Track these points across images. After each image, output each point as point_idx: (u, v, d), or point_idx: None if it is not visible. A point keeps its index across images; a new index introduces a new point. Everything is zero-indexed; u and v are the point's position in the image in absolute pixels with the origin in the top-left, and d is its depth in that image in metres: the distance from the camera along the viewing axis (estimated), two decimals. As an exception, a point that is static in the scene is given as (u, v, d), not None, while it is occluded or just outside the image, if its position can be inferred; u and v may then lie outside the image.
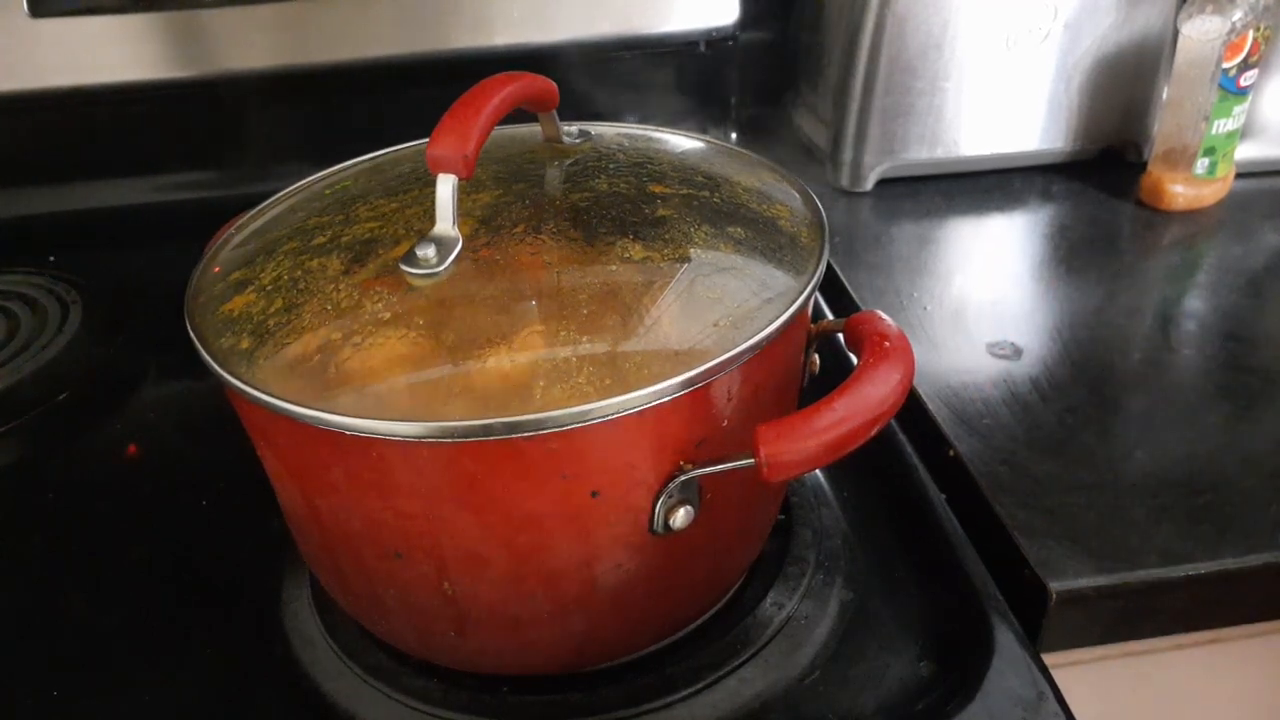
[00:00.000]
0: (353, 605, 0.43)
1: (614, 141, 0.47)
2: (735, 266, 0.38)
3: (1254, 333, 0.64)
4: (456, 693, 0.42)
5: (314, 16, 0.76)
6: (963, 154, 0.82)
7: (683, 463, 0.35)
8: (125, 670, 0.45)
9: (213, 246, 0.43)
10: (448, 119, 0.37)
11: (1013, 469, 0.52)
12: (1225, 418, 0.56)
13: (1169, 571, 0.46)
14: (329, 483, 0.36)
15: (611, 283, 0.36)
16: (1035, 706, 0.40)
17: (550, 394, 0.32)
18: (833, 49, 0.82)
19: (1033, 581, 0.46)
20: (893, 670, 0.43)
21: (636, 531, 0.36)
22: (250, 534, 0.50)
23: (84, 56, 0.75)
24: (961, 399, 0.57)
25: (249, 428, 0.39)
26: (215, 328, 0.37)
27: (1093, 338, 0.63)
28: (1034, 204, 0.81)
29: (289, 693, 0.43)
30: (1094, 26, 0.78)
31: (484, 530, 0.35)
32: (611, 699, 0.41)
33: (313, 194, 0.46)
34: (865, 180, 0.82)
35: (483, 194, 0.42)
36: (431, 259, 0.36)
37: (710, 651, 0.43)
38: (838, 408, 0.33)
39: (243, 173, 0.82)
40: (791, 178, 0.45)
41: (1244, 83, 0.74)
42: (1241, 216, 0.78)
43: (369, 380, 0.34)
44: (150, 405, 0.63)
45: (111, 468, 0.58)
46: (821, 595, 0.46)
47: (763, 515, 0.45)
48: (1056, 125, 0.82)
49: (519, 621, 0.38)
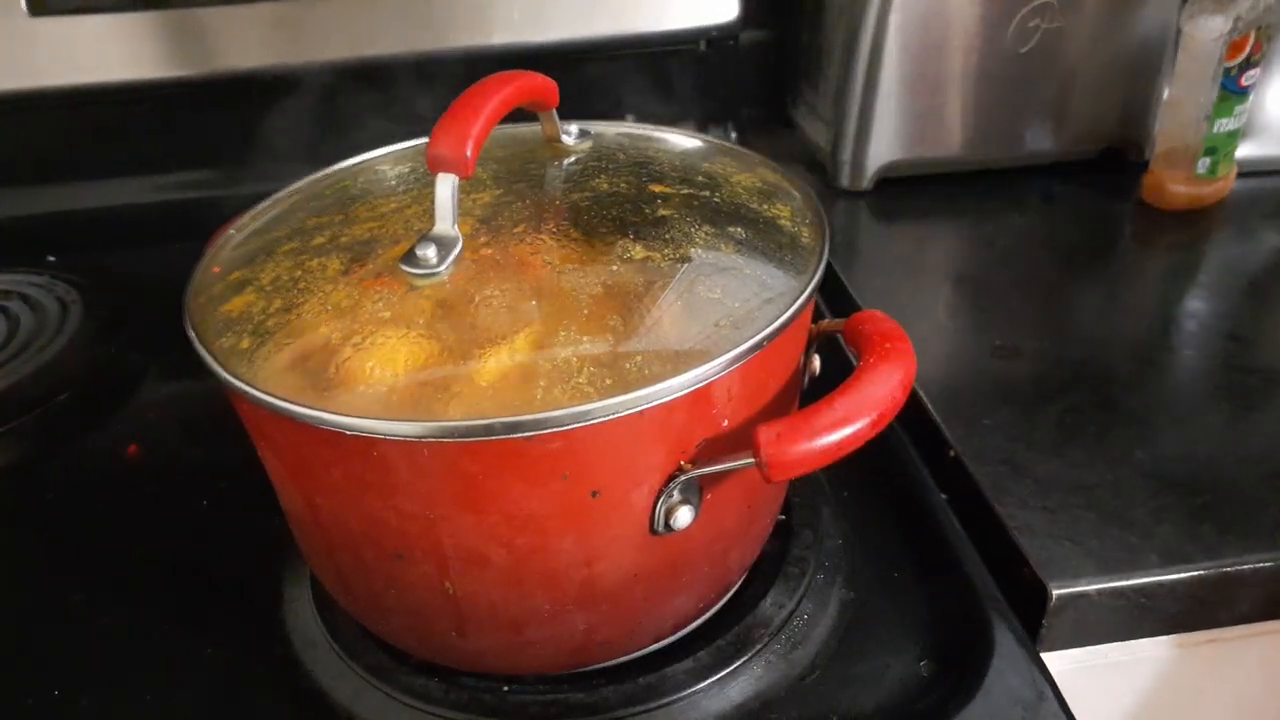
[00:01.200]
0: (353, 605, 0.43)
1: (614, 141, 0.47)
2: (736, 266, 0.38)
3: (1254, 333, 0.63)
4: (457, 692, 0.42)
5: (314, 16, 0.76)
6: (963, 154, 0.81)
7: (683, 463, 0.35)
8: (126, 670, 0.45)
9: (212, 246, 0.43)
10: (447, 118, 0.37)
11: (1013, 469, 0.52)
12: (1225, 418, 0.56)
13: (1169, 571, 0.46)
14: (329, 483, 0.36)
15: (612, 282, 0.36)
16: (1035, 706, 0.40)
17: (551, 394, 0.32)
18: (833, 49, 0.82)
19: (1033, 581, 0.46)
20: (893, 670, 0.43)
21: (636, 531, 0.36)
22: (250, 534, 0.50)
23: (84, 56, 0.75)
24: (962, 399, 0.57)
25: (249, 428, 0.39)
26: (215, 328, 0.37)
27: (1093, 338, 0.63)
28: (1035, 204, 0.81)
29: (290, 692, 0.43)
30: (1094, 26, 0.78)
31: (484, 530, 0.35)
32: (611, 699, 0.41)
33: (312, 194, 0.46)
34: (865, 180, 0.82)
35: (483, 193, 0.42)
36: (431, 259, 0.36)
37: (710, 651, 0.43)
38: (838, 408, 0.33)
39: (243, 173, 0.82)
40: (792, 177, 0.45)
41: (1245, 82, 0.74)
42: (1242, 216, 0.78)
43: (369, 380, 0.34)
44: (150, 405, 0.63)
45: (111, 468, 0.58)
46: (822, 595, 0.46)
47: (763, 515, 0.45)
48: (1057, 125, 0.82)
49: (519, 621, 0.38)
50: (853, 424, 0.33)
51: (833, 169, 0.83)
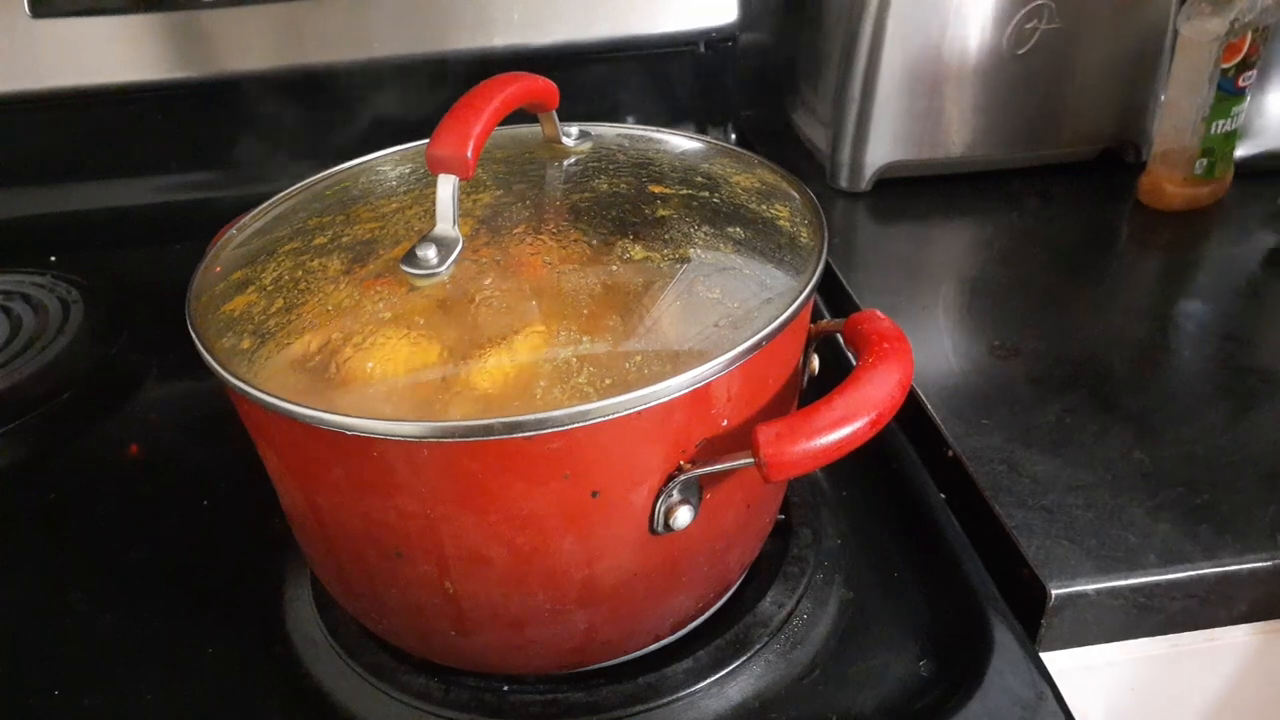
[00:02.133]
0: (354, 605, 0.43)
1: (614, 142, 0.47)
2: (735, 267, 0.38)
3: (1253, 333, 0.64)
4: (457, 692, 0.42)
5: (314, 17, 0.77)
6: (961, 154, 0.82)
7: (683, 463, 0.36)
8: (126, 669, 0.45)
9: (214, 247, 0.43)
10: (448, 119, 0.37)
11: (1012, 469, 0.52)
12: (1224, 418, 0.56)
13: (1168, 571, 0.46)
14: (330, 482, 0.36)
15: (612, 283, 0.36)
16: (1035, 706, 0.40)
17: (551, 394, 0.32)
18: (832, 50, 0.82)
19: (1032, 581, 0.46)
20: (893, 670, 0.43)
21: (636, 531, 0.36)
22: (251, 534, 0.50)
23: (85, 57, 0.75)
24: (961, 399, 0.57)
25: (250, 428, 0.39)
26: (216, 328, 0.37)
27: (1092, 338, 0.63)
28: (1033, 205, 0.81)
29: (290, 692, 0.43)
30: (1093, 27, 0.78)
31: (484, 530, 0.35)
32: (611, 699, 0.41)
33: (313, 194, 0.46)
34: (864, 181, 0.82)
35: (483, 194, 0.42)
36: (432, 259, 0.36)
37: (710, 651, 0.43)
38: (837, 407, 0.33)
39: (243, 173, 0.82)
40: (791, 178, 0.45)
41: (1242, 83, 0.74)
42: (1240, 217, 0.78)
43: (370, 380, 0.34)
44: (151, 405, 0.63)
45: (112, 468, 0.58)
46: (821, 595, 0.46)
47: (762, 515, 0.45)
48: (1055, 126, 0.82)
49: (519, 621, 0.38)
50: (851, 424, 0.33)
51: (832, 170, 0.83)
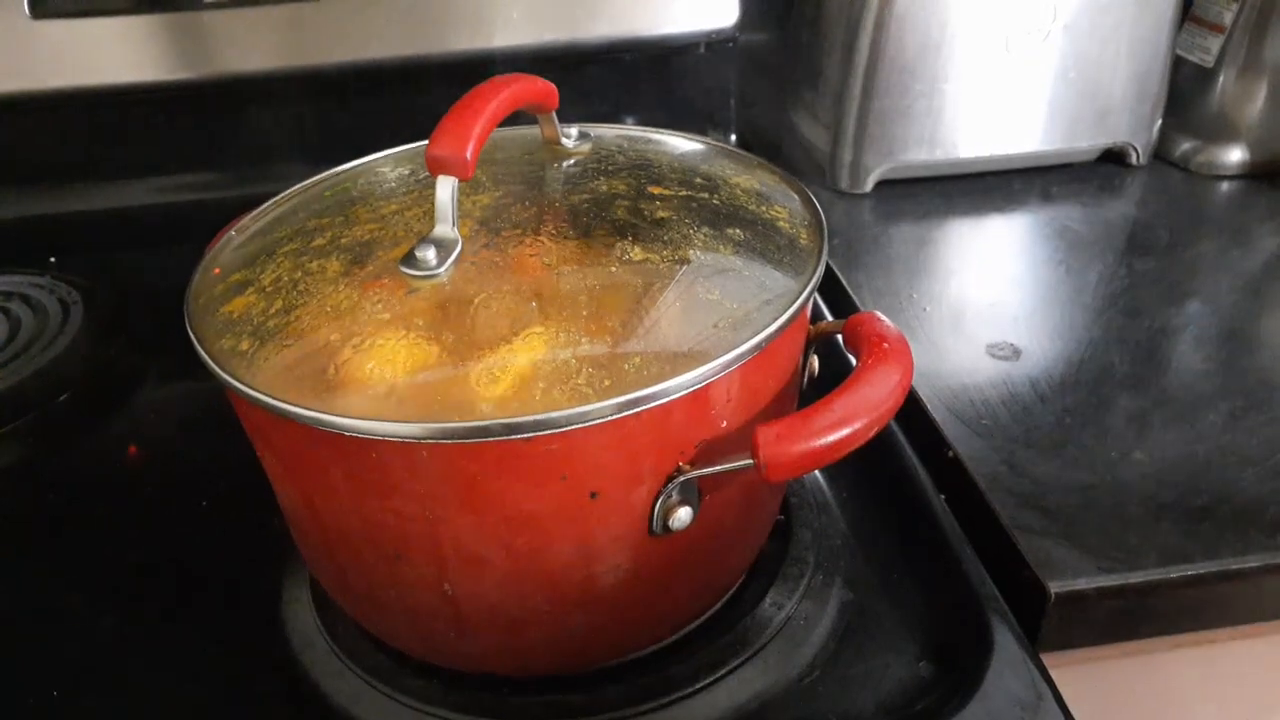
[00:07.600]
0: (352, 605, 0.43)
1: (613, 143, 0.47)
2: (734, 268, 0.38)
3: (1253, 333, 0.64)
4: (456, 693, 0.42)
5: (314, 18, 0.77)
6: (962, 155, 0.82)
7: (682, 464, 0.35)
8: (125, 670, 0.45)
9: (213, 248, 0.43)
10: (448, 120, 0.37)
11: (1012, 469, 0.52)
12: (1225, 418, 0.56)
13: (1168, 571, 0.46)
14: (329, 483, 0.36)
15: (611, 284, 0.36)
16: (1035, 707, 0.40)
17: (549, 395, 0.32)
18: (832, 50, 0.82)
19: (1032, 581, 0.46)
20: (892, 670, 0.43)
21: (635, 532, 0.36)
22: (250, 534, 0.50)
23: (85, 58, 0.75)
24: (961, 400, 0.57)
25: (249, 429, 0.39)
26: (215, 329, 0.37)
27: (1092, 338, 0.63)
28: (1033, 205, 0.81)
29: (289, 693, 0.43)
30: (1093, 27, 0.78)
31: (483, 531, 0.35)
32: (611, 699, 0.41)
33: (313, 195, 0.46)
34: (864, 182, 0.82)
35: (482, 195, 0.42)
36: (431, 260, 0.36)
37: (710, 651, 0.43)
38: (837, 409, 0.33)
39: (243, 174, 0.82)
40: (791, 179, 0.45)
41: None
42: (1240, 217, 0.78)
43: (368, 381, 0.34)
44: (150, 406, 0.63)
45: (111, 468, 0.58)
46: (821, 595, 0.46)
47: (762, 516, 0.45)
48: (1056, 127, 0.82)
49: (518, 622, 0.38)
50: (851, 425, 0.33)
51: (832, 171, 0.83)
